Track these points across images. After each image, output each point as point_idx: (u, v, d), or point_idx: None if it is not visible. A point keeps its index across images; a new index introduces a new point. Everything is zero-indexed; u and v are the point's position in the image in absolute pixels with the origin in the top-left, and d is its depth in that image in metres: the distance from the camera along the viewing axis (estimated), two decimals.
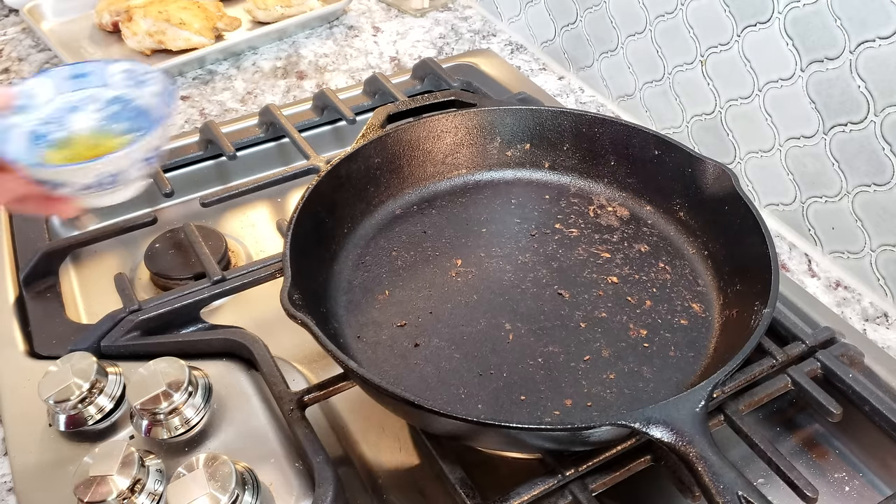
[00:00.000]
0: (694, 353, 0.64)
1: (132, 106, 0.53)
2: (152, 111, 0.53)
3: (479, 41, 1.17)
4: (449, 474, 0.55)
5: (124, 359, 0.67)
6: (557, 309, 0.68)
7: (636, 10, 0.91)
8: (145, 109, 0.53)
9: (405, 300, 0.69)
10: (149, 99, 0.53)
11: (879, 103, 0.68)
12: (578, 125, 0.79)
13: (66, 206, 0.51)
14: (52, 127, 0.51)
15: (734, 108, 0.83)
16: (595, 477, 0.56)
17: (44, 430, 0.62)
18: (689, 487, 0.56)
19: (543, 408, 0.60)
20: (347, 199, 0.74)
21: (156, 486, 0.56)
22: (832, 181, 0.75)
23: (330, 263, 0.71)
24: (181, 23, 1.08)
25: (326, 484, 0.55)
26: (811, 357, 0.65)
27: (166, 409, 0.60)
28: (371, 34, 1.19)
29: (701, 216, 0.73)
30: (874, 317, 0.74)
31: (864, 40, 0.68)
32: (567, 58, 1.08)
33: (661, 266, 0.72)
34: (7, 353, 0.68)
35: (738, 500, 0.46)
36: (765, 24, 0.76)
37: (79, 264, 0.83)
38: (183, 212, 0.89)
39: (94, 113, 0.53)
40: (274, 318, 0.66)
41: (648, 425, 0.49)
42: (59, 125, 0.51)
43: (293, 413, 0.60)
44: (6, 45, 1.17)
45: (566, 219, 0.77)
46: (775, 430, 0.67)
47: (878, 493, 0.63)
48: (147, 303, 0.69)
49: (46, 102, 0.51)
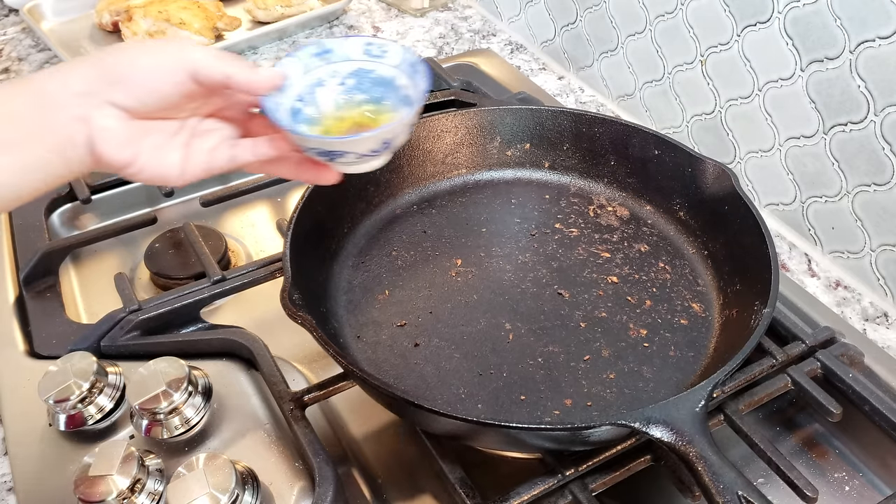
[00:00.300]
0: (694, 352, 0.64)
1: (370, 77, 0.55)
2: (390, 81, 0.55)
3: (479, 41, 1.17)
4: (449, 474, 0.56)
5: (124, 358, 0.67)
6: (557, 309, 0.68)
7: (636, 10, 0.91)
8: (382, 79, 0.55)
9: (405, 300, 0.69)
10: (386, 70, 0.55)
11: (879, 103, 0.68)
12: (578, 125, 0.79)
13: (329, 172, 0.54)
14: (303, 103, 0.54)
15: (734, 107, 0.83)
16: (595, 477, 0.56)
17: (44, 430, 0.62)
18: (689, 487, 0.56)
19: (543, 407, 0.60)
20: (347, 199, 0.74)
21: (156, 486, 0.56)
22: (832, 181, 0.75)
23: (330, 263, 0.71)
24: (181, 22, 1.08)
25: (326, 483, 0.55)
26: (811, 357, 0.65)
27: (166, 408, 0.60)
28: (371, 34, 1.19)
29: (701, 216, 0.73)
30: (874, 316, 0.74)
31: (864, 40, 0.68)
32: (567, 57, 1.08)
33: (661, 266, 0.72)
34: (7, 352, 0.68)
35: (738, 499, 0.46)
36: (765, 23, 0.76)
37: (79, 264, 0.83)
38: (183, 211, 0.89)
39: (336, 87, 0.55)
40: (274, 317, 0.66)
41: (648, 425, 0.50)
42: (309, 101, 0.54)
43: (293, 413, 0.60)
44: (6, 44, 1.17)
45: (566, 218, 0.77)
46: (775, 430, 0.67)
47: (878, 492, 0.63)
48: (147, 302, 0.69)
49: (297, 81, 0.53)
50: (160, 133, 0.49)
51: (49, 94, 0.45)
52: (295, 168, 0.54)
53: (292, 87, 0.53)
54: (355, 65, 0.55)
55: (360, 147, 0.51)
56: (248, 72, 0.48)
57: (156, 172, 0.49)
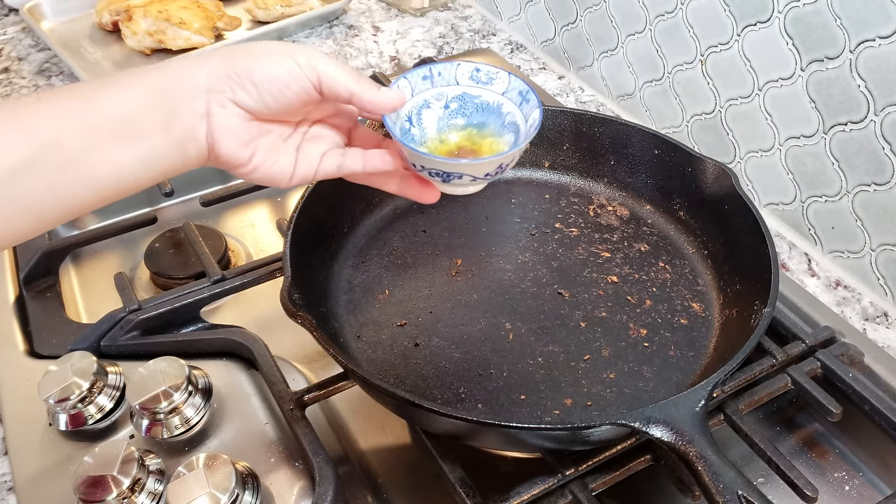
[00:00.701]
0: (694, 352, 0.64)
1: (475, 102, 0.56)
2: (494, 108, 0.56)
3: (479, 40, 1.17)
4: (449, 473, 0.56)
5: (124, 358, 0.67)
6: (557, 308, 0.68)
7: (636, 10, 0.91)
8: (487, 106, 0.56)
9: (405, 300, 0.69)
10: (491, 97, 0.56)
11: (879, 103, 0.68)
12: (578, 124, 0.79)
13: (432, 192, 0.55)
14: (410, 123, 0.55)
15: (734, 107, 0.83)
16: (595, 476, 0.56)
17: (44, 429, 0.62)
18: (689, 487, 0.56)
19: (543, 407, 0.60)
20: (347, 199, 0.74)
21: (156, 486, 0.56)
22: (832, 180, 0.75)
23: (330, 263, 0.71)
24: (181, 22, 1.08)
25: (326, 483, 0.55)
26: (811, 356, 0.65)
27: (166, 408, 0.60)
28: (371, 33, 1.19)
29: (701, 216, 0.73)
30: (874, 316, 0.74)
31: (864, 40, 0.67)
32: (567, 57, 1.08)
33: (660, 265, 0.72)
34: (7, 352, 0.68)
35: (738, 499, 0.46)
36: (765, 23, 0.76)
37: (79, 264, 0.83)
38: (183, 211, 0.89)
39: (440, 109, 0.56)
40: (274, 317, 0.66)
41: (648, 425, 0.50)
42: (415, 121, 0.55)
43: (293, 412, 0.60)
44: (6, 44, 1.17)
45: (566, 218, 0.77)
46: (775, 430, 0.67)
47: (877, 492, 0.63)
48: (147, 302, 0.69)
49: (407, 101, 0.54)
50: (275, 136, 0.50)
51: (175, 90, 0.46)
52: (399, 183, 0.55)
53: (403, 107, 0.54)
54: (461, 89, 0.56)
55: (479, 171, 0.52)
56: (372, 92, 0.49)
57: (267, 173, 0.50)
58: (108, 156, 0.44)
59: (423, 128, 0.55)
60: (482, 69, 0.56)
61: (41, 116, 0.43)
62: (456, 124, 0.56)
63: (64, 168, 0.43)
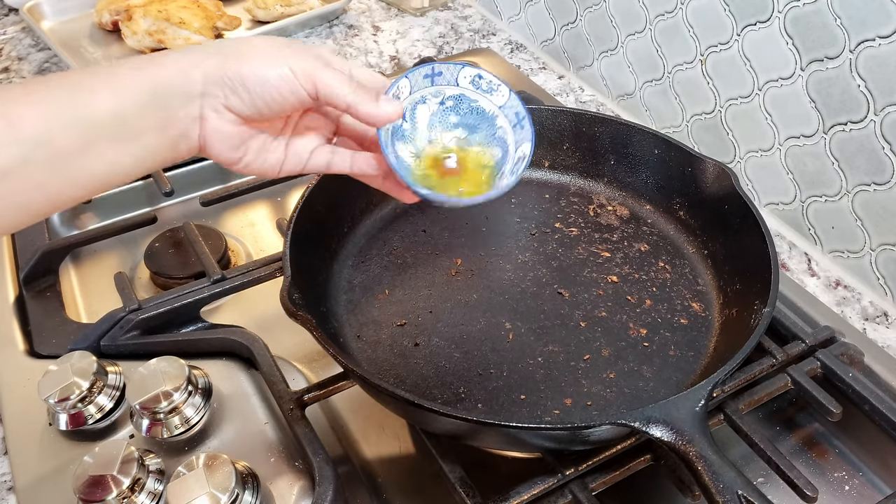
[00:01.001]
0: (694, 352, 0.64)
1: (471, 106, 0.56)
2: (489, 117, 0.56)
3: (479, 40, 1.17)
4: (449, 473, 0.56)
5: (124, 358, 0.67)
6: (557, 308, 0.68)
7: (636, 10, 0.91)
8: (482, 112, 0.56)
9: (405, 299, 0.69)
10: (489, 105, 0.56)
11: (879, 102, 0.68)
12: (578, 124, 0.79)
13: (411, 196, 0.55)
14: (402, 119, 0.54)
15: (734, 107, 0.83)
16: (595, 476, 0.56)
17: (44, 429, 0.62)
18: (689, 487, 0.56)
19: (543, 407, 0.60)
20: (347, 199, 0.74)
21: (156, 486, 0.56)
22: (832, 180, 0.75)
23: (330, 263, 0.71)
24: (181, 22, 1.08)
25: (326, 483, 0.55)
26: (811, 356, 0.65)
27: (166, 408, 0.60)
28: (371, 33, 1.19)
29: (701, 215, 0.73)
30: (874, 316, 0.74)
31: (864, 39, 0.67)
32: (567, 57, 1.08)
33: (660, 265, 0.72)
34: (7, 352, 0.68)
35: (738, 499, 0.46)
36: (765, 23, 0.76)
37: (79, 263, 0.83)
38: (183, 211, 0.89)
39: (436, 105, 0.56)
40: (274, 317, 0.66)
41: (648, 424, 0.49)
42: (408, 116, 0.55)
43: (293, 412, 0.60)
44: (6, 44, 1.17)
45: (566, 218, 0.77)
46: (775, 430, 0.67)
47: (877, 492, 0.63)
48: (147, 302, 0.69)
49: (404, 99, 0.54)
50: (266, 136, 0.51)
51: (171, 92, 0.46)
52: (382, 182, 0.56)
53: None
54: (459, 90, 0.56)
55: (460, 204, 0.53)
56: (370, 105, 0.49)
57: (257, 170, 0.52)
58: (101, 155, 0.44)
59: (416, 122, 0.55)
60: (485, 77, 0.55)
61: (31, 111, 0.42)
62: (448, 121, 0.56)
63: (55, 167, 0.43)
